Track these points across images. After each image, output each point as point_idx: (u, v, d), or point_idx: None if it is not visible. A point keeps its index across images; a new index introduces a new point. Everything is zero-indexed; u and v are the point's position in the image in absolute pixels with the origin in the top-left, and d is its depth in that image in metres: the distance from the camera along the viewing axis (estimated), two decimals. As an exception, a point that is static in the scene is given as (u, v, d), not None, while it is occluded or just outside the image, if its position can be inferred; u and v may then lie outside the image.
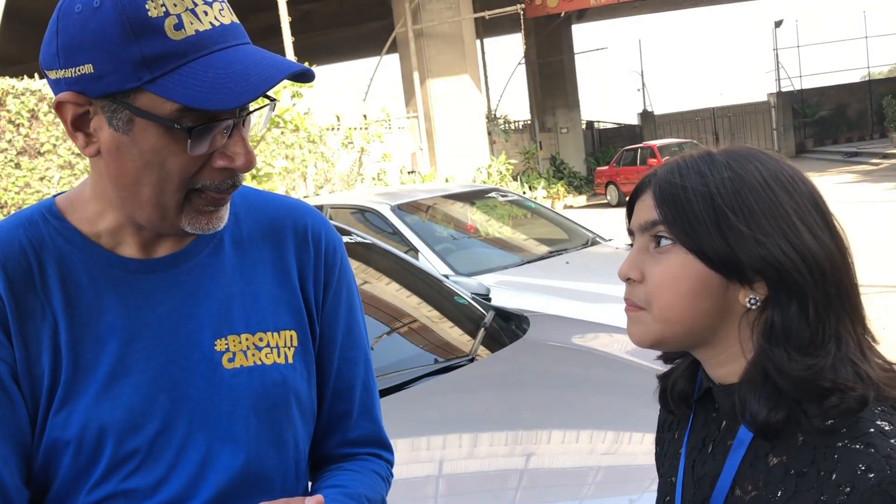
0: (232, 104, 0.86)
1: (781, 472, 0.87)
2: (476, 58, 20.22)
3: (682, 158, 0.94)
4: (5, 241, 0.97)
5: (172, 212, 0.94)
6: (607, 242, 6.07)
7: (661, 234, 0.92)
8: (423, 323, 3.08)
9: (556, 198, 21.56)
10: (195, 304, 1.02)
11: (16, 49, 18.08)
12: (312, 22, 24.55)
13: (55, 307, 0.96)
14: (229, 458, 1.01)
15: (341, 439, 1.16)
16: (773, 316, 0.88)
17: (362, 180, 15.23)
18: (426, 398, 2.44)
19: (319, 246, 1.13)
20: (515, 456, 2.18)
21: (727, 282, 0.89)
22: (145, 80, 0.86)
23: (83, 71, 0.88)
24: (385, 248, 3.54)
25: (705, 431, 1.00)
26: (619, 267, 0.96)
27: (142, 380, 0.97)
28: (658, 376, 1.09)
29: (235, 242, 1.08)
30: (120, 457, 0.96)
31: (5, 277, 0.94)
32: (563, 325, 3.43)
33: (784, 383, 0.86)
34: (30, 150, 9.46)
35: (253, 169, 0.96)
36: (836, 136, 34.30)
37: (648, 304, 0.93)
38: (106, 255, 0.99)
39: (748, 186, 0.89)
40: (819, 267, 0.87)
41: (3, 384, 0.93)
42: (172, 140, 0.90)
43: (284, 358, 1.06)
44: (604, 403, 2.51)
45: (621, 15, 34.79)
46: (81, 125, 0.93)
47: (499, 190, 7.20)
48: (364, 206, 5.86)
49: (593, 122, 35.05)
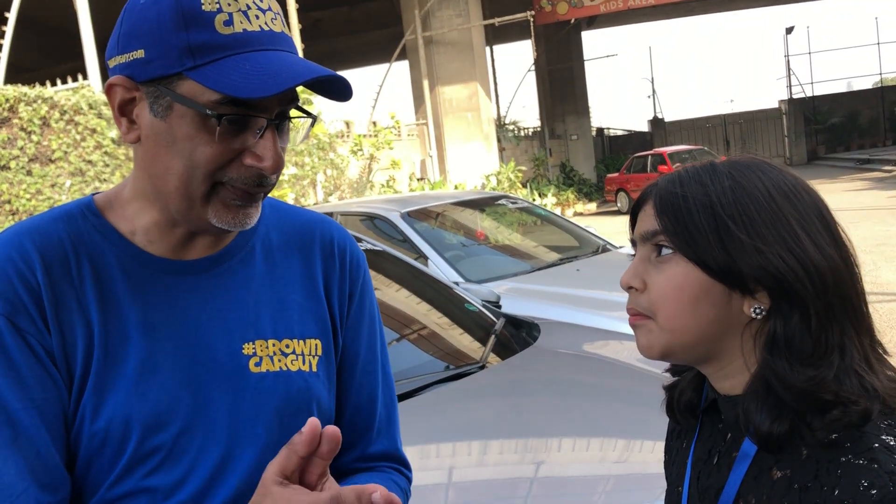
0: (259, 93, 0.89)
1: (785, 486, 0.87)
2: (486, 65, 20.26)
3: (685, 169, 0.94)
4: (45, 233, 0.99)
5: (198, 202, 0.96)
6: (618, 250, 6.06)
7: (661, 244, 0.92)
8: (433, 330, 3.08)
9: (566, 205, 21.55)
10: (225, 308, 1.04)
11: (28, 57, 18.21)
12: (322, 29, 24.64)
13: (89, 300, 0.98)
14: (249, 461, 1.02)
15: (360, 454, 1.17)
16: (776, 326, 0.88)
17: (371, 187, 15.26)
18: (437, 405, 2.43)
19: (345, 259, 1.17)
20: (525, 464, 2.17)
21: (729, 291, 0.89)
22: (188, 66, 0.91)
23: (135, 56, 0.93)
24: (396, 255, 3.54)
25: (711, 442, 1.00)
26: (621, 276, 0.96)
27: (168, 379, 0.99)
28: (664, 387, 1.09)
29: (266, 251, 1.11)
30: (142, 453, 0.97)
31: (43, 267, 0.96)
32: (573, 332, 3.42)
33: (786, 394, 0.86)
34: (41, 157, 9.51)
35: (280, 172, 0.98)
36: (847, 143, 34.19)
37: (653, 314, 0.93)
38: (140, 254, 1.02)
39: (749, 195, 0.88)
40: (821, 277, 0.86)
41: (45, 366, 0.95)
42: (205, 130, 0.93)
43: (309, 366, 1.08)
44: (614, 411, 2.50)
45: (631, 22, 34.79)
46: (126, 110, 0.97)
47: (509, 197, 7.19)
48: (374, 213, 5.86)
49: (603, 129, 35.06)
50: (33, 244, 0.97)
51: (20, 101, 9.32)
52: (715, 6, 33.27)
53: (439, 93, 18.75)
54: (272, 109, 0.95)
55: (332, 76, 0.94)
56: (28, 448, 0.92)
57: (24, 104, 9.34)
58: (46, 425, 0.94)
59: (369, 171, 15.43)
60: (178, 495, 0.99)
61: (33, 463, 0.92)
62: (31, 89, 9.67)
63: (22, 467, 0.92)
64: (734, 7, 34.08)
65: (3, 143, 9.16)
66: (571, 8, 21.38)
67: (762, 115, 36.66)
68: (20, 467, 0.92)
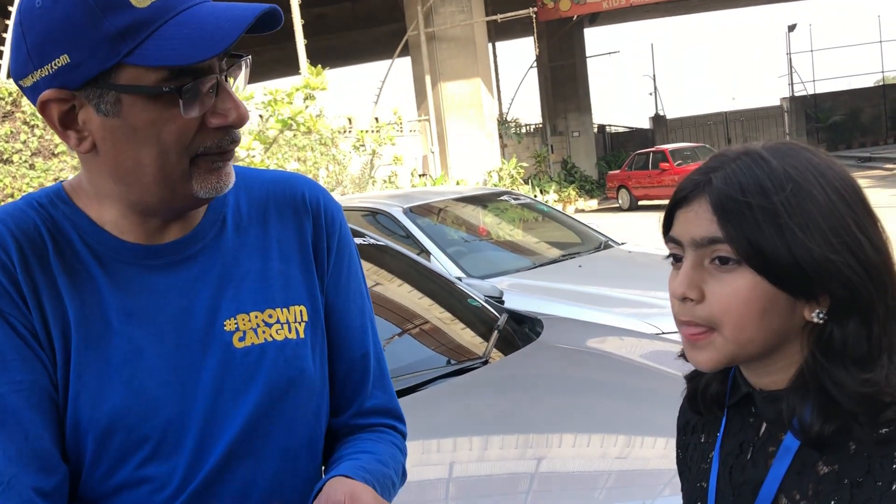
0: (213, 52, 0.87)
1: (833, 482, 0.85)
2: (488, 61, 20.23)
3: (737, 165, 0.89)
4: (19, 218, 0.97)
5: (180, 183, 0.94)
6: (619, 246, 6.06)
7: (723, 254, 0.87)
8: (436, 325, 3.08)
9: (568, 202, 21.53)
10: (202, 287, 1.02)
11: (31, 51, 18.14)
12: (325, 25, 24.61)
13: (63, 286, 0.96)
14: (240, 434, 1.01)
15: (358, 409, 1.16)
16: (833, 330, 0.86)
17: (373, 183, 15.24)
18: (439, 400, 2.43)
19: (319, 213, 1.14)
20: (527, 459, 2.17)
21: (795, 300, 0.87)
22: (123, 53, 0.86)
23: (59, 64, 0.88)
24: (399, 250, 3.54)
25: (742, 436, 0.98)
26: (674, 284, 0.91)
27: (154, 365, 0.98)
28: (686, 377, 1.06)
29: (237, 222, 1.08)
30: (132, 442, 0.96)
31: (18, 249, 0.94)
32: (576, 328, 3.42)
33: (843, 398, 0.84)
34: (44, 151, 9.51)
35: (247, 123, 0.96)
36: (849, 141, 34.14)
37: (718, 326, 0.88)
38: (113, 241, 1.00)
39: (811, 199, 0.85)
40: (881, 279, 0.85)
41: (30, 347, 0.93)
42: (163, 108, 0.90)
43: (296, 333, 1.06)
44: (616, 407, 2.50)
45: (633, 19, 34.73)
46: (69, 122, 0.92)
47: (511, 193, 7.19)
48: (376, 208, 5.85)
49: (605, 126, 35.00)
50: (7, 228, 0.95)
51: (23, 95, 9.31)
52: (717, 3, 33.20)
53: (441, 89, 18.72)
54: (215, 66, 0.92)
55: (266, 10, 0.90)
56: (16, 432, 0.91)
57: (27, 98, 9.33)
58: (35, 408, 0.92)
59: (371, 167, 15.41)
60: (172, 482, 0.97)
61: (22, 447, 0.91)
62: (34, 83, 9.66)
63: (10, 452, 0.90)
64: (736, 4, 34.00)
65: (5, 136, 9.16)
66: (574, 5, 21.32)
67: (764, 112, 36.62)
68: (9, 452, 0.90)
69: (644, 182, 20.47)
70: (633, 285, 4.85)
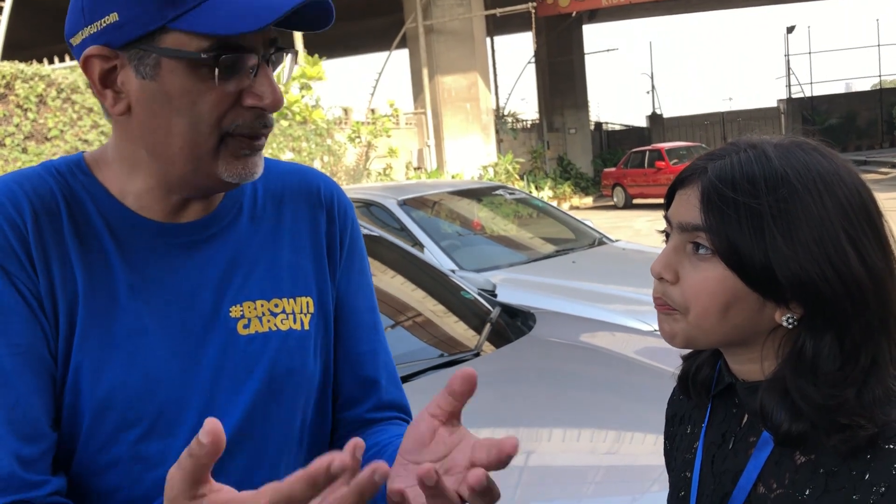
0: (256, 25, 0.87)
1: (810, 471, 0.86)
2: (486, 55, 20.23)
3: (738, 157, 0.89)
4: (37, 183, 0.97)
5: (207, 159, 0.94)
6: (613, 243, 6.08)
7: (701, 242, 0.88)
8: (429, 317, 3.09)
9: (563, 198, 21.57)
10: (212, 271, 1.02)
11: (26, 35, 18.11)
12: (323, 15, 24.52)
13: (74, 256, 0.96)
14: (238, 423, 1.00)
15: (376, 404, 1.16)
16: (805, 342, 0.86)
17: (368, 175, 15.24)
18: (430, 391, 2.42)
19: (332, 208, 1.15)
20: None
21: (764, 300, 0.87)
22: (170, 17, 0.88)
23: (107, 21, 0.89)
24: (393, 241, 3.53)
25: (725, 426, 0.99)
26: (653, 263, 0.93)
27: (157, 343, 0.97)
28: (683, 357, 1.07)
29: (252, 211, 1.08)
30: (129, 419, 0.95)
31: (33, 214, 0.94)
32: (568, 322, 3.43)
33: (805, 408, 0.84)
34: (37, 134, 9.47)
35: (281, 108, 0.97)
36: (845, 145, 34.23)
37: (684, 309, 0.90)
38: (131, 216, 1.00)
39: (802, 206, 0.84)
40: (862, 295, 0.84)
41: (33, 312, 0.93)
42: (200, 78, 0.90)
43: (301, 324, 1.06)
44: (607, 402, 2.50)
45: (633, 16, 34.77)
46: (109, 81, 0.93)
47: (506, 187, 7.19)
48: (370, 199, 5.86)
49: (602, 124, 35.07)
50: (24, 192, 0.95)
51: (17, 77, 9.28)
52: (716, 3, 33.26)
53: (439, 82, 18.72)
54: (259, 48, 0.93)
55: (317, 1, 0.91)
56: (7, 395, 0.90)
57: (20, 81, 9.29)
58: (30, 373, 0.91)
59: (366, 159, 15.40)
60: (166, 463, 0.97)
61: (10, 412, 0.90)
62: (29, 66, 9.62)
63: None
64: (735, 5, 34.06)
65: (-1, 119, 9.12)
66: (573, 1, 21.34)
67: (760, 113, 36.70)
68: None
69: (639, 180, 20.51)
70: (627, 282, 4.86)
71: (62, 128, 9.63)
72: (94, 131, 9.89)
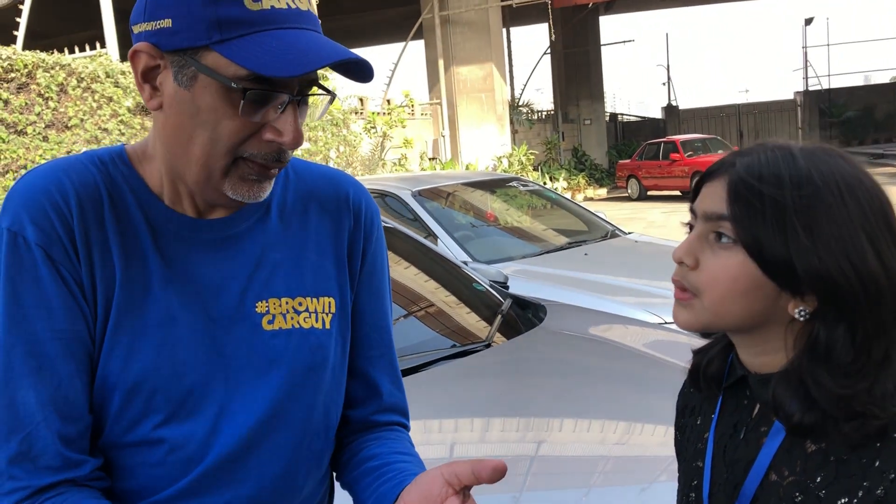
0: (286, 73, 0.90)
1: (821, 458, 0.89)
2: (502, 46, 20.15)
3: (765, 155, 0.93)
4: (82, 172, 1.02)
5: (217, 174, 0.98)
6: (626, 236, 6.07)
7: (724, 231, 0.92)
8: (441, 308, 3.11)
9: (577, 190, 21.48)
10: (240, 267, 1.06)
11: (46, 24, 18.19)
12: (339, 5, 24.49)
13: (114, 245, 1.00)
14: (258, 416, 1.05)
15: (378, 406, 1.21)
16: (819, 332, 0.89)
17: (383, 165, 15.24)
18: (441, 382, 2.46)
19: (360, 215, 1.18)
20: (526, 442, 2.20)
21: (780, 289, 0.90)
22: (215, 39, 0.91)
23: (162, 25, 0.93)
24: (406, 232, 3.56)
25: (736, 417, 1.02)
26: (675, 249, 0.96)
27: (184, 334, 1.02)
28: (693, 350, 1.10)
29: (281, 210, 1.12)
30: (154, 403, 1.00)
31: (77, 202, 0.99)
32: (579, 315, 3.44)
33: (820, 397, 0.87)
34: (58, 123, 9.53)
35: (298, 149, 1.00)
36: (862, 138, 33.89)
37: (700, 293, 0.94)
38: (165, 210, 1.04)
39: (824, 203, 0.88)
40: (877, 291, 0.87)
41: (76, 298, 0.98)
42: (228, 102, 0.94)
43: (322, 323, 1.10)
44: (617, 394, 2.52)
45: (649, 8, 34.49)
46: (150, 77, 0.98)
47: (519, 179, 7.19)
48: (385, 190, 5.87)
49: (617, 115, 34.85)
50: (70, 180, 1.00)
51: (38, 67, 9.33)
52: (734, -6, 32.93)
53: (454, 73, 18.68)
54: (294, 87, 0.96)
55: (355, 59, 0.95)
56: (51, 378, 0.95)
57: (41, 70, 9.34)
58: (71, 357, 0.97)
59: (381, 149, 15.40)
60: (187, 447, 1.01)
61: (54, 393, 0.95)
62: (50, 56, 9.67)
63: (43, 397, 0.95)
64: (754, -4, 33.67)
65: (20, 108, 9.18)
66: (590, -9, 21.20)
67: (777, 106, 36.38)
68: (41, 397, 0.95)
69: (654, 172, 20.40)
70: (639, 274, 4.87)
71: (82, 116, 9.68)
72: (114, 120, 9.94)
